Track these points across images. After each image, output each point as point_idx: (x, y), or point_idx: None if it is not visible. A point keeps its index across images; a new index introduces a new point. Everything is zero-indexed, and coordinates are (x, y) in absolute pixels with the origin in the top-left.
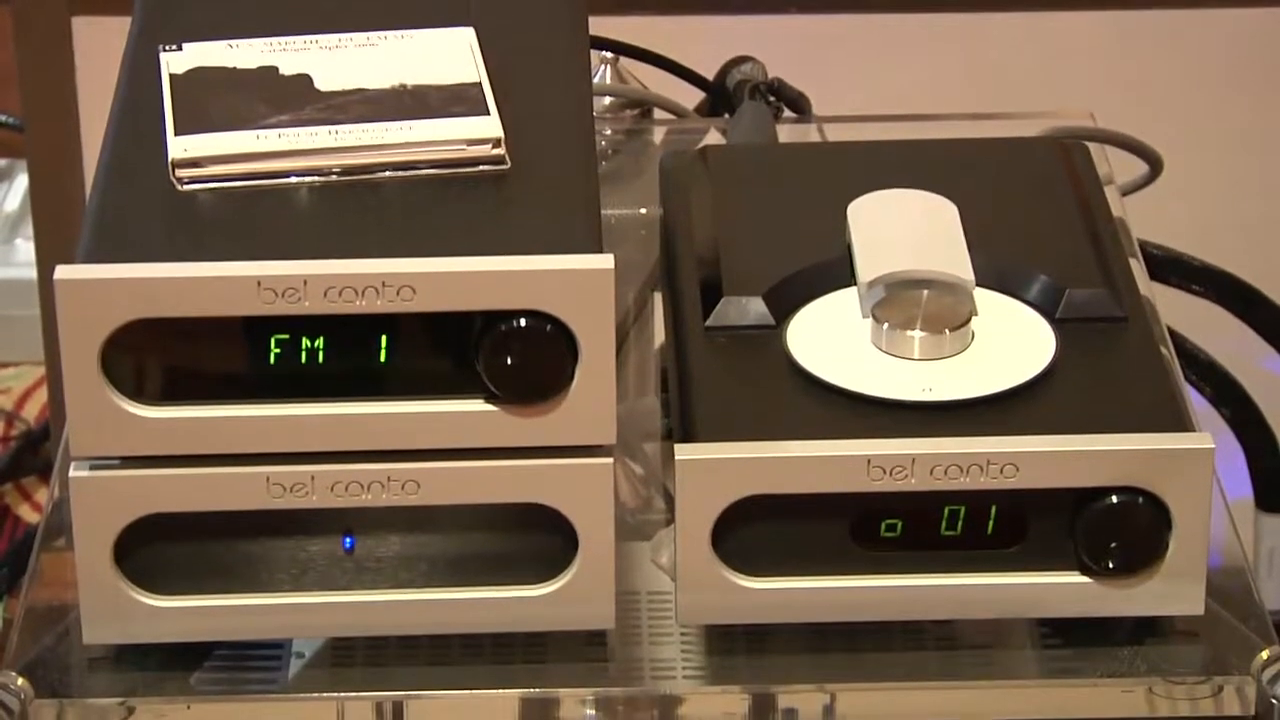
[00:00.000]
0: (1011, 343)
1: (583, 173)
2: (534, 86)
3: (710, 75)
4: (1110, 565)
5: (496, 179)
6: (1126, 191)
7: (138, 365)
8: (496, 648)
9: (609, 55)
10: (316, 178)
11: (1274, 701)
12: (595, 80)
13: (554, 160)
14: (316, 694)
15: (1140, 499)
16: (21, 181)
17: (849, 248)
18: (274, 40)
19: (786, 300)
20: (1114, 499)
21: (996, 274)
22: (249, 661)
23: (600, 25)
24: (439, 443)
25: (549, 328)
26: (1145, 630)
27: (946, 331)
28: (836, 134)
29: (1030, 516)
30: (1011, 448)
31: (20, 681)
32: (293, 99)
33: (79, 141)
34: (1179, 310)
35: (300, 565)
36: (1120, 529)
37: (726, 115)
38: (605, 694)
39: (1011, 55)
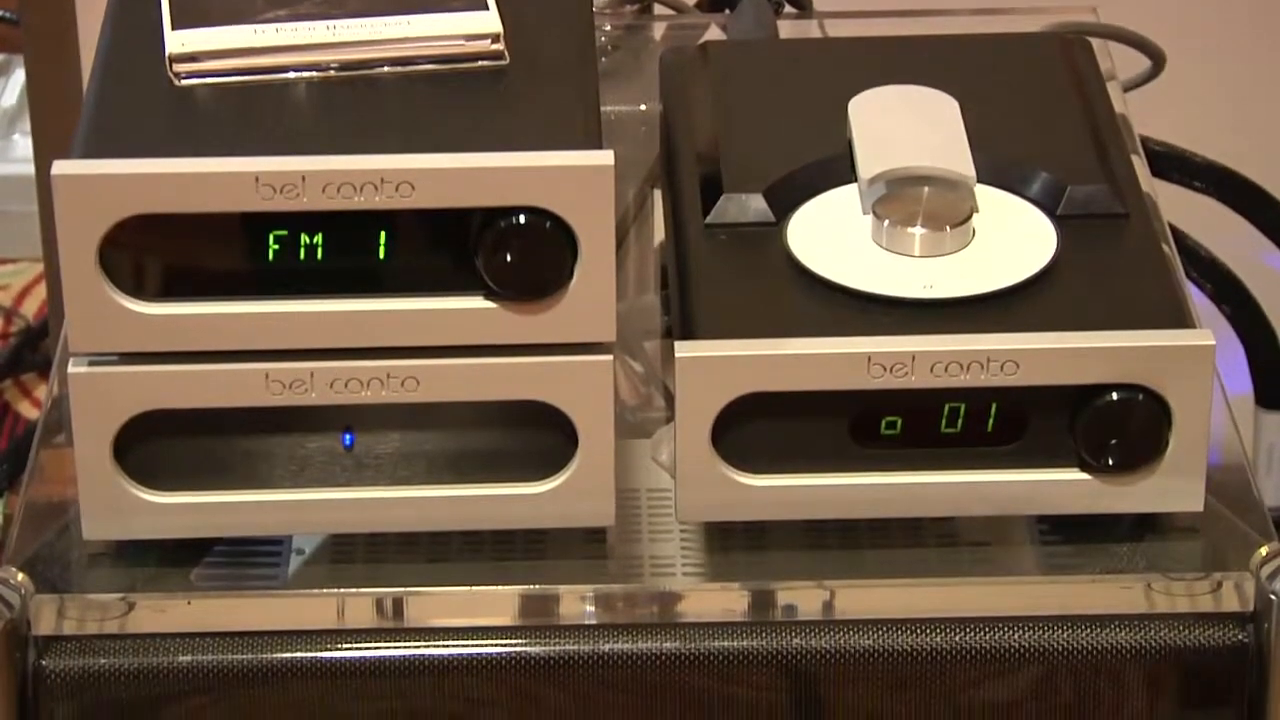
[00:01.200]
0: (1012, 240)
1: (582, 69)
2: None
3: None
4: (1110, 462)
5: (495, 75)
6: (1128, 87)
7: (136, 261)
8: (496, 544)
9: None
10: (314, 73)
11: (1272, 597)
12: None
13: (553, 56)
14: (316, 590)
15: (1140, 395)
16: (18, 76)
17: (850, 144)
18: None
19: (787, 197)
20: (1114, 395)
21: (998, 170)
22: (249, 558)
23: None
24: (438, 339)
25: (548, 225)
26: (1144, 527)
27: (947, 228)
28: (838, 30)
29: (1030, 413)
30: (1012, 344)
31: (20, 577)
32: None
33: (76, 36)
34: (1180, 207)
35: (299, 462)
36: (1120, 425)
37: (727, 11)
38: (604, 590)
39: None
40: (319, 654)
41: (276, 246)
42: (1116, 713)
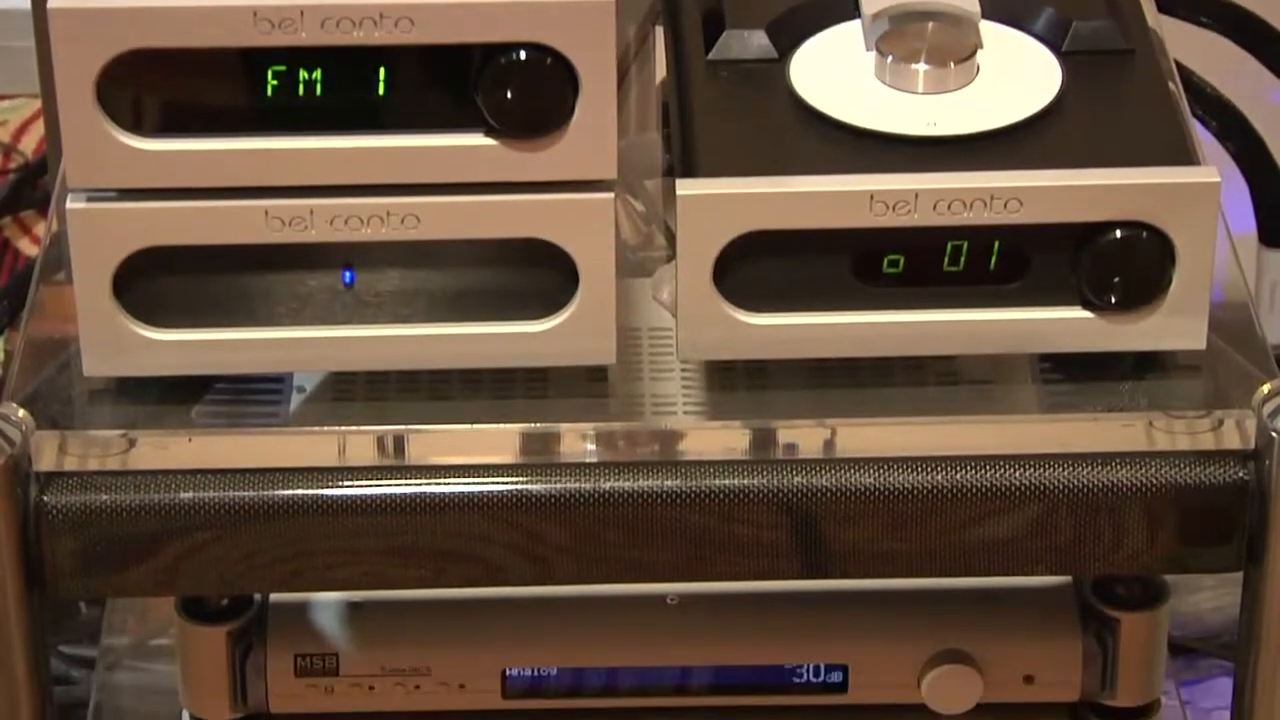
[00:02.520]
0: (1017, 76)
1: None
2: None
3: None
4: (1113, 300)
5: None
6: None
7: (134, 97)
8: (497, 383)
9: None
10: None
11: (1274, 435)
12: None
13: None
14: (318, 427)
15: (1144, 233)
16: None
17: None
18: None
19: (789, 33)
20: (1118, 233)
21: (1002, 6)
22: (249, 395)
23: None
24: (439, 177)
25: (549, 61)
26: (1146, 365)
27: (951, 65)
28: None
29: (1033, 251)
30: (1015, 182)
31: (21, 413)
32: None
33: None
34: (1186, 43)
35: (300, 300)
36: (1123, 263)
37: None
38: (606, 429)
39: None
40: (320, 491)
41: (275, 82)
42: (1116, 550)
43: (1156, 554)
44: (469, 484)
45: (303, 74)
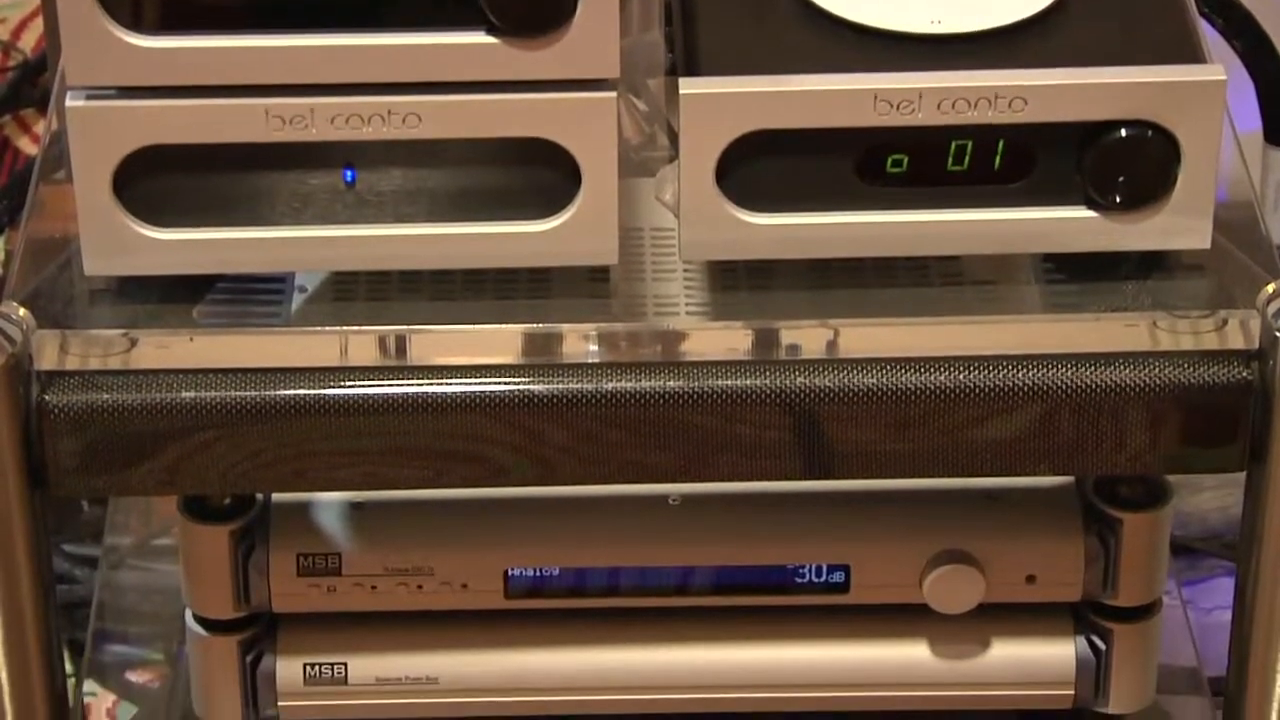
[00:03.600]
0: None
1: None
2: None
3: None
4: (1117, 199)
5: None
6: None
7: None
8: (499, 283)
9: None
10: None
11: (1278, 334)
12: None
13: None
14: (319, 328)
15: (1149, 132)
16: None
17: None
18: None
19: None
20: (1122, 132)
21: None
22: (251, 295)
23: None
24: (440, 75)
25: None
26: (1150, 265)
27: None
28: None
29: (1038, 151)
30: (1020, 80)
31: (22, 312)
32: None
33: None
34: None
35: (301, 199)
36: (1128, 162)
37: None
38: (608, 329)
39: None
40: (322, 391)
41: None
42: (1119, 450)
43: (1159, 454)
44: (471, 384)
45: None
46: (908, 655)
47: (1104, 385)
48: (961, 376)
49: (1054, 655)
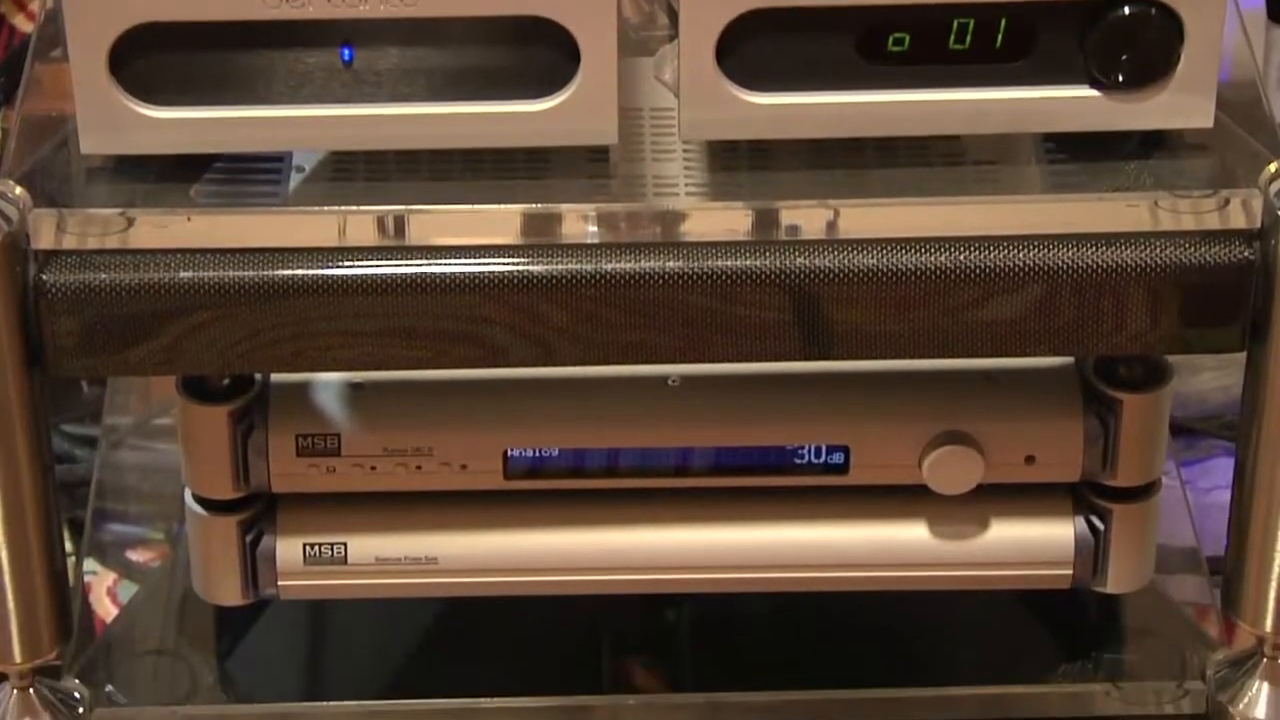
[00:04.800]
0: None
1: None
2: None
3: None
4: (1120, 78)
5: None
6: None
7: None
8: (498, 164)
9: None
10: None
11: (1279, 214)
12: None
13: None
14: (318, 207)
15: (1152, 9)
16: None
17: None
18: None
19: None
20: (1125, 9)
21: None
22: (249, 175)
23: None
24: None
25: None
26: (1152, 144)
27: None
28: None
29: (1040, 29)
30: None
31: (19, 191)
32: None
33: None
34: None
35: (299, 78)
36: (1131, 40)
37: None
38: (607, 209)
39: None
40: (321, 271)
41: None
42: (1119, 331)
43: (1159, 334)
44: (469, 265)
45: None
46: (906, 536)
47: (1105, 265)
48: (962, 257)
49: (1053, 535)
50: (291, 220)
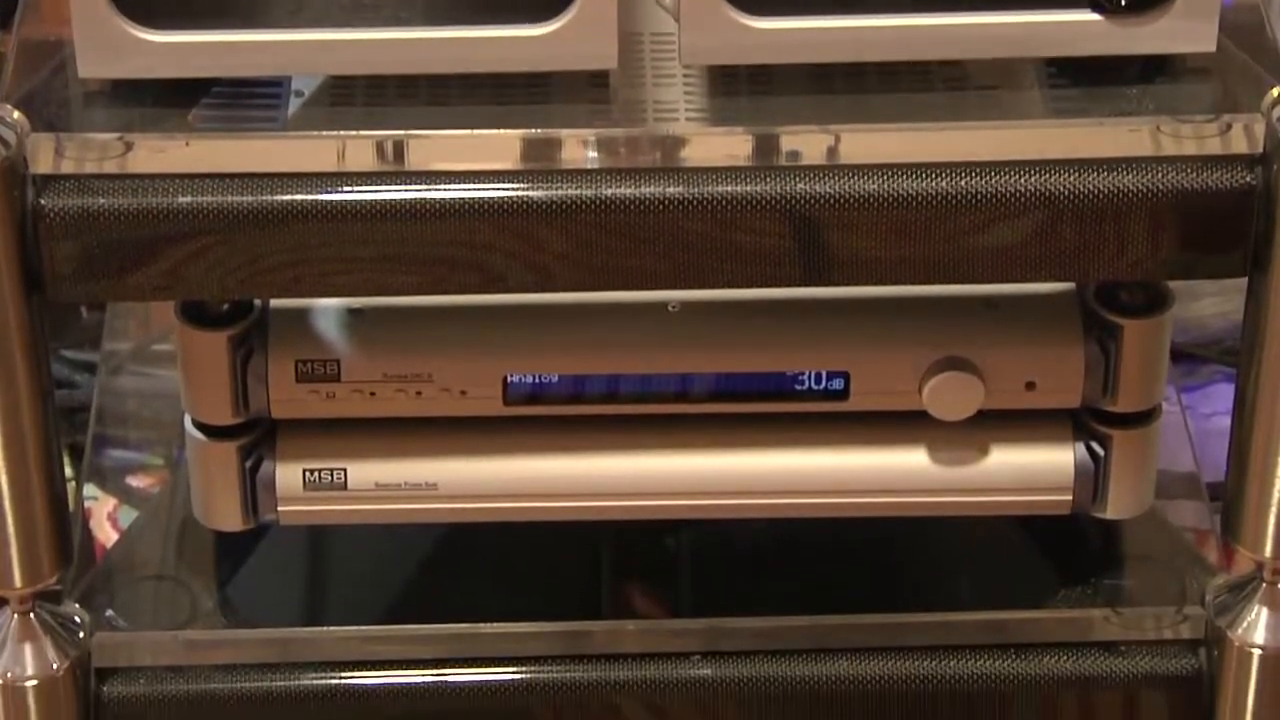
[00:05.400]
0: None
1: None
2: None
3: None
4: (1122, 2)
5: None
6: None
7: None
8: (497, 89)
9: None
10: None
11: None
12: None
13: None
14: (316, 132)
15: None
16: None
17: None
18: None
19: None
20: None
21: None
22: (247, 100)
23: None
24: None
25: None
26: (1154, 69)
27: None
28: None
29: None
30: None
31: (16, 115)
32: None
33: None
34: None
35: (297, 2)
36: None
37: None
38: (607, 135)
39: None
40: (319, 196)
41: None
42: (1120, 256)
43: (1160, 260)
44: (469, 190)
45: None
46: (906, 462)
47: (1106, 191)
48: (963, 182)
49: (1053, 461)
50: (290, 145)
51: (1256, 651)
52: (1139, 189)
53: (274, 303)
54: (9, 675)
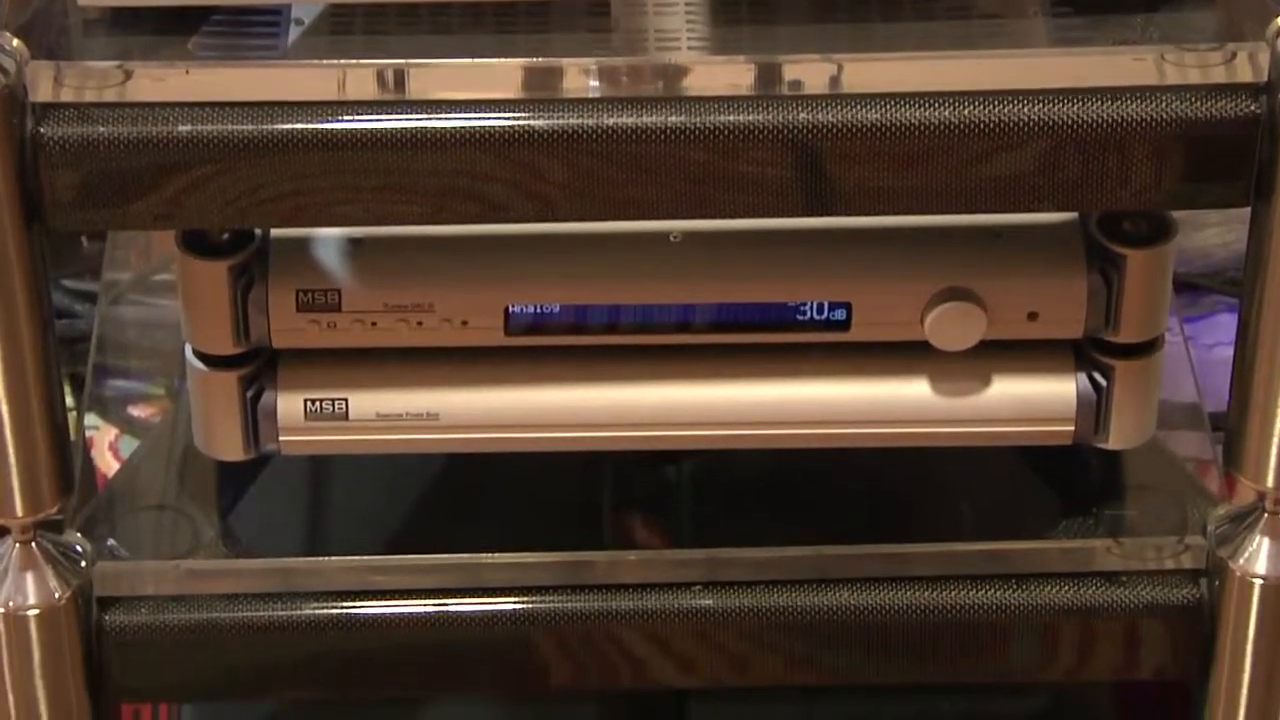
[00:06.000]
0: None
1: None
2: None
3: None
4: None
5: None
6: None
7: None
8: (498, 17)
9: None
10: None
11: None
12: None
13: None
14: (317, 61)
15: None
16: None
17: None
18: None
19: None
20: None
21: None
22: (247, 28)
23: None
24: None
25: None
26: None
27: None
28: None
29: None
30: None
31: (15, 43)
32: None
33: None
34: None
35: None
36: None
37: None
38: (608, 64)
39: None
40: (320, 125)
41: None
42: (1123, 186)
43: (1164, 189)
44: (470, 119)
45: None
46: (908, 392)
47: (1110, 120)
48: (966, 112)
49: (1055, 392)
50: (290, 74)
51: (1258, 581)
52: (1143, 118)
53: (274, 232)
54: (11, 604)
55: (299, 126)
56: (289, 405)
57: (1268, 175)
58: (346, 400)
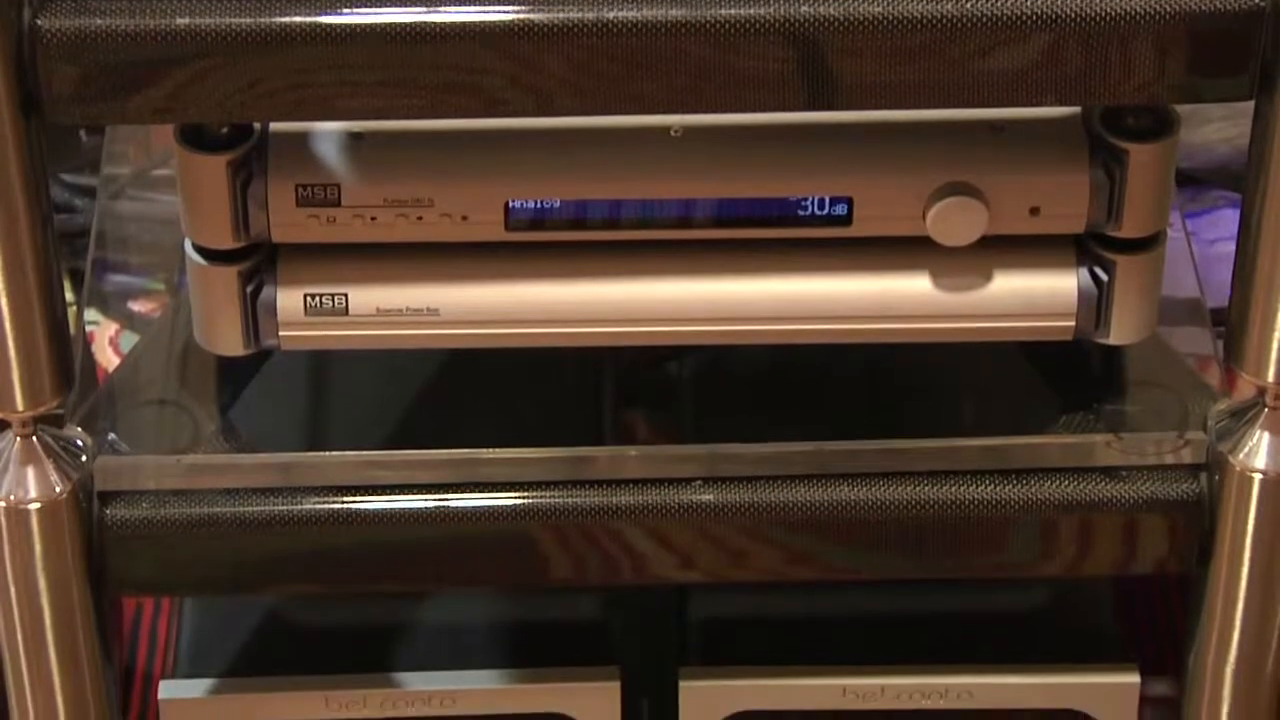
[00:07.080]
0: None
1: None
2: None
3: None
4: None
5: None
6: None
7: None
8: None
9: None
10: None
11: None
12: None
13: None
14: None
15: None
16: None
17: None
18: None
19: None
20: None
21: None
22: None
23: None
24: None
25: None
26: None
27: None
28: None
29: None
30: None
31: None
32: None
33: None
34: None
35: None
36: None
37: None
38: None
39: None
40: (319, 19)
41: None
42: (1126, 80)
43: (1166, 83)
44: (468, 12)
45: None
46: (909, 288)
47: (1112, 13)
48: (968, 5)
49: (1056, 287)
50: None
51: (1257, 476)
52: (1146, 11)
53: (274, 127)
54: (12, 498)
55: (298, 20)
56: (289, 300)
57: (1271, 68)
58: (346, 295)
